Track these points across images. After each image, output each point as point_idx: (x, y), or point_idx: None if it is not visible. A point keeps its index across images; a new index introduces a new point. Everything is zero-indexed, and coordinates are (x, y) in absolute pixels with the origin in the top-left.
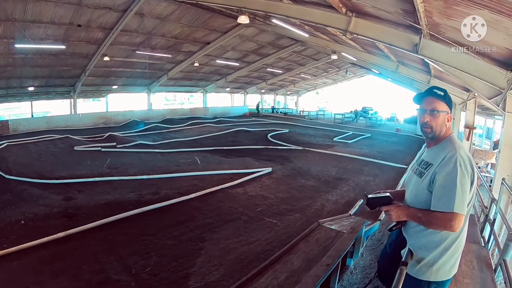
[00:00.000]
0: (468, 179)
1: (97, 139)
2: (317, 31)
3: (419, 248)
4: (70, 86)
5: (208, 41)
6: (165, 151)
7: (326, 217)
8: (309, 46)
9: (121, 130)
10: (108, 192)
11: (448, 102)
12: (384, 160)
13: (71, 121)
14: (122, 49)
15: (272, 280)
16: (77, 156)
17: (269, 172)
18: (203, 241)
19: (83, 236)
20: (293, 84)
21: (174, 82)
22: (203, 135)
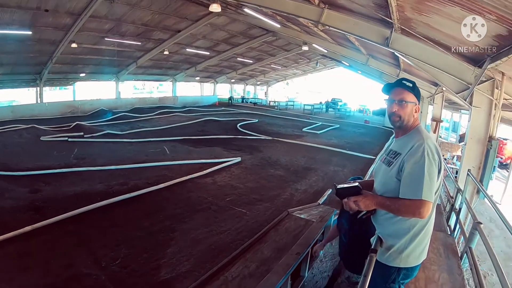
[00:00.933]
0: (435, 168)
1: (64, 129)
2: (289, 22)
3: (388, 236)
4: (36, 74)
5: (179, 29)
6: (134, 140)
7: (295, 207)
8: (280, 36)
9: (89, 120)
10: (76, 184)
11: (417, 93)
12: (352, 150)
13: (37, 111)
14: (90, 36)
15: (243, 269)
16: (43, 146)
17: (238, 162)
18: (173, 231)
19: (51, 229)
20: (263, 74)
21: (143, 70)
22: (172, 125)
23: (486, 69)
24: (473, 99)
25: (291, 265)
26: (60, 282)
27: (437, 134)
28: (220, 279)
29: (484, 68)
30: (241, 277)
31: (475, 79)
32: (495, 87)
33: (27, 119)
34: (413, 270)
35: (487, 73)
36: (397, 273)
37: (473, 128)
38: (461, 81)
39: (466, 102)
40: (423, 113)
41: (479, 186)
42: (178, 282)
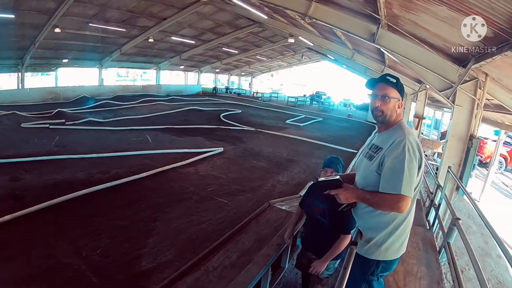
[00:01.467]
0: (416, 164)
1: (45, 115)
2: (276, 13)
3: (368, 229)
4: (18, 59)
5: (165, 17)
6: (116, 129)
7: (277, 198)
8: (267, 28)
9: (71, 107)
10: (57, 172)
11: (400, 89)
12: (335, 144)
13: (18, 97)
14: (74, 21)
15: (224, 260)
16: (24, 133)
17: (221, 152)
18: (154, 221)
19: (32, 218)
20: (248, 65)
21: (127, 57)
22: (155, 113)
23: (470, 69)
24: (456, 98)
25: (272, 256)
26: (40, 272)
27: (419, 130)
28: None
29: (468, 68)
30: (222, 267)
31: (459, 79)
32: (478, 87)
33: (7, 105)
34: (392, 264)
35: (471, 73)
36: (376, 266)
37: (455, 126)
38: (445, 79)
39: (449, 101)
40: (406, 110)
41: (458, 183)
42: (159, 272)
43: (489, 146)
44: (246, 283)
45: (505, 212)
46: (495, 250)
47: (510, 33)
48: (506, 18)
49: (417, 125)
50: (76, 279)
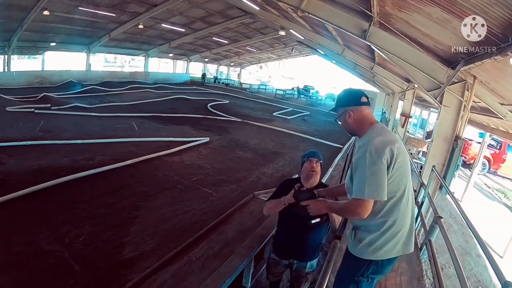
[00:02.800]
0: (381, 164)
1: (30, 99)
2: (268, 5)
3: (361, 228)
4: (5, 41)
5: (156, 3)
6: (102, 115)
7: (261, 190)
8: (258, 19)
9: (57, 91)
10: (41, 157)
11: (343, 103)
12: (321, 138)
13: (4, 80)
14: (63, 4)
15: (207, 250)
16: (8, 117)
17: (207, 142)
18: (138, 209)
19: (13, 204)
20: (238, 56)
21: (116, 43)
22: (142, 101)
23: (459, 71)
24: (444, 99)
25: (255, 248)
26: (22, 259)
27: (405, 129)
28: (184, 259)
29: (457, 70)
30: (205, 257)
31: (447, 80)
32: (466, 89)
33: None
34: (384, 266)
35: (459, 75)
36: (367, 267)
37: (441, 126)
38: (434, 80)
39: (437, 101)
40: (393, 107)
41: (442, 182)
42: (142, 260)
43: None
44: (228, 273)
45: (486, 213)
46: (475, 250)
47: (501, 37)
48: (497, 22)
49: (403, 124)
50: (58, 266)
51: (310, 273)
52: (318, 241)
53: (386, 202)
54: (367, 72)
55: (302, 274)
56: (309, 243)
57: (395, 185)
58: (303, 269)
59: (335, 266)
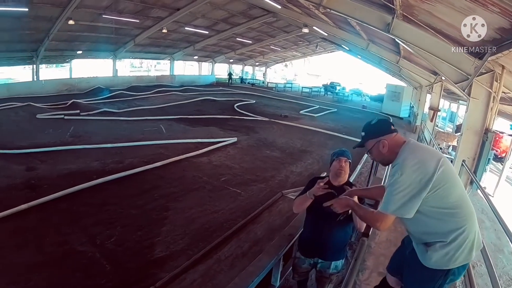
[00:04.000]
0: (412, 183)
1: (60, 106)
2: (290, 3)
3: (431, 242)
4: (33, 52)
5: (178, 7)
6: (130, 119)
7: (289, 188)
8: (281, 18)
9: (85, 97)
10: (71, 162)
11: (374, 133)
12: (348, 135)
13: (34, 88)
14: (88, 13)
15: (236, 249)
16: (39, 124)
17: (234, 142)
18: (167, 210)
19: (46, 207)
20: (262, 55)
21: (141, 48)
22: (169, 103)
23: (487, 61)
24: (472, 90)
25: (284, 246)
26: (55, 259)
27: (433, 123)
28: (213, 258)
29: (485, 60)
30: (234, 256)
31: (475, 71)
32: (495, 80)
33: (23, 97)
34: (459, 273)
35: (487, 65)
36: (444, 277)
37: (470, 119)
38: (461, 71)
39: (465, 93)
40: (421, 101)
41: (473, 177)
42: (172, 260)
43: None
44: (257, 272)
45: None
46: (508, 247)
47: None
48: None
49: (432, 118)
50: (90, 266)
51: (334, 274)
52: (343, 240)
53: (448, 213)
54: (393, 66)
55: (326, 274)
56: (334, 242)
57: (446, 195)
58: (327, 270)
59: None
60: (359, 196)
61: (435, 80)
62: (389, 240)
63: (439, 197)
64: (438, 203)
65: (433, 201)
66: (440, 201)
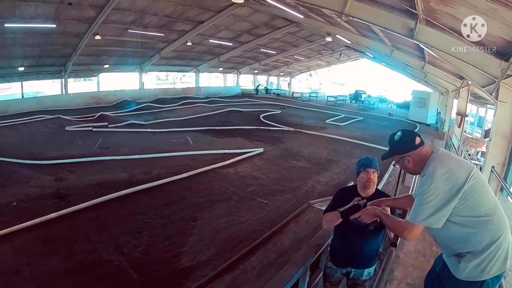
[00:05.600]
0: (440, 194)
1: (88, 119)
2: (312, 13)
3: (463, 253)
4: (61, 66)
5: (202, 20)
6: (157, 130)
7: (316, 198)
8: (304, 27)
9: (113, 110)
10: (100, 172)
11: (401, 147)
12: (375, 143)
13: (62, 101)
14: (114, 28)
15: (262, 259)
16: (68, 136)
17: (261, 153)
18: (194, 220)
19: (75, 216)
20: (287, 65)
21: (166, 61)
22: (195, 115)
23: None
24: (499, 94)
25: (311, 257)
26: (83, 267)
27: (461, 128)
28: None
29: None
30: (261, 266)
31: (502, 73)
32: None
33: (52, 110)
34: (493, 284)
35: None
36: None
37: (498, 123)
38: (487, 74)
39: (492, 97)
40: (448, 107)
41: (503, 183)
42: (198, 270)
43: None
44: (283, 282)
45: None
46: None
47: None
48: None
49: (459, 123)
50: (117, 275)
51: (368, 281)
52: (375, 249)
53: (480, 222)
54: (418, 72)
55: (359, 282)
56: (366, 251)
57: (478, 205)
58: (360, 277)
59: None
60: (387, 205)
61: (462, 84)
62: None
63: (470, 207)
64: (469, 212)
65: (464, 210)
66: (472, 210)
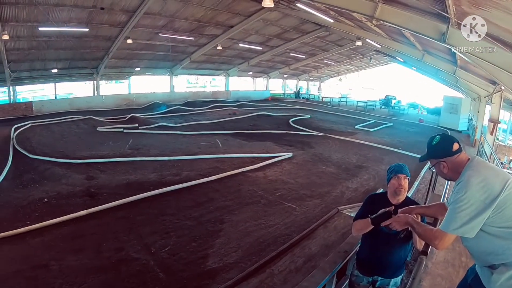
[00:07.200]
0: (474, 203)
1: (119, 120)
2: (342, 17)
3: (497, 265)
4: (93, 68)
5: (231, 25)
6: (187, 133)
7: (345, 205)
8: (333, 31)
9: (143, 112)
10: (130, 172)
11: (436, 153)
12: (405, 150)
13: (94, 103)
14: (145, 32)
15: (289, 264)
16: (99, 136)
17: (290, 157)
18: (222, 222)
19: (104, 214)
20: (316, 70)
21: (196, 65)
22: (224, 118)
23: None
24: None
25: (338, 263)
26: (110, 264)
27: (494, 136)
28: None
29: None
30: (288, 271)
31: None
32: None
33: (84, 111)
34: None
35: None
36: None
37: None
38: None
39: None
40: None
41: None
42: (225, 272)
43: None
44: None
45: None
46: None
47: None
48: None
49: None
50: (144, 273)
51: None
52: (403, 258)
53: None
54: (450, 77)
55: None
56: (393, 260)
57: None
58: (386, 286)
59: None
60: (418, 213)
61: (494, 90)
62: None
63: (505, 217)
64: (504, 223)
65: (499, 221)
66: (507, 221)
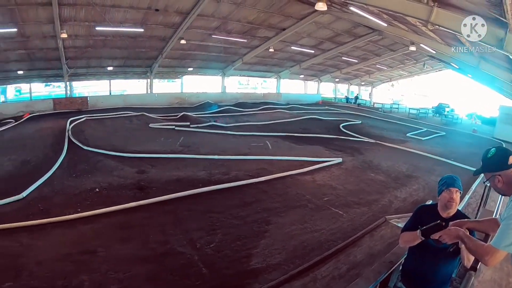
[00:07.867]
0: None
1: (171, 118)
2: (396, 21)
3: None
4: (147, 67)
5: (284, 27)
6: (237, 133)
7: (393, 214)
8: (386, 36)
9: (195, 111)
10: (180, 169)
11: (490, 166)
12: (457, 162)
13: (147, 100)
14: (198, 33)
15: (333, 270)
16: (151, 133)
17: (339, 163)
18: (268, 224)
19: (153, 208)
20: (368, 75)
21: (248, 66)
22: (275, 120)
23: None
24: None
25: (383, 273)
26: (155, 256)
27: None
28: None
29: None
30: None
31: None
32: None
33: (137, 107)
34: None
35: None
36: None
37: None
38: None
39: None
40: None
41: None
42: (267, 273)
43: None
44: None
45: None
46: None
47: None
48: None
49: None
50: (187, 267)
51: None
52: (449, 273)
53: None
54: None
55: None
56: (439, 274)
57: None
58: None
59: None
60: (469, 228)
61: None
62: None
63: None
64: None
65: None
66: None
